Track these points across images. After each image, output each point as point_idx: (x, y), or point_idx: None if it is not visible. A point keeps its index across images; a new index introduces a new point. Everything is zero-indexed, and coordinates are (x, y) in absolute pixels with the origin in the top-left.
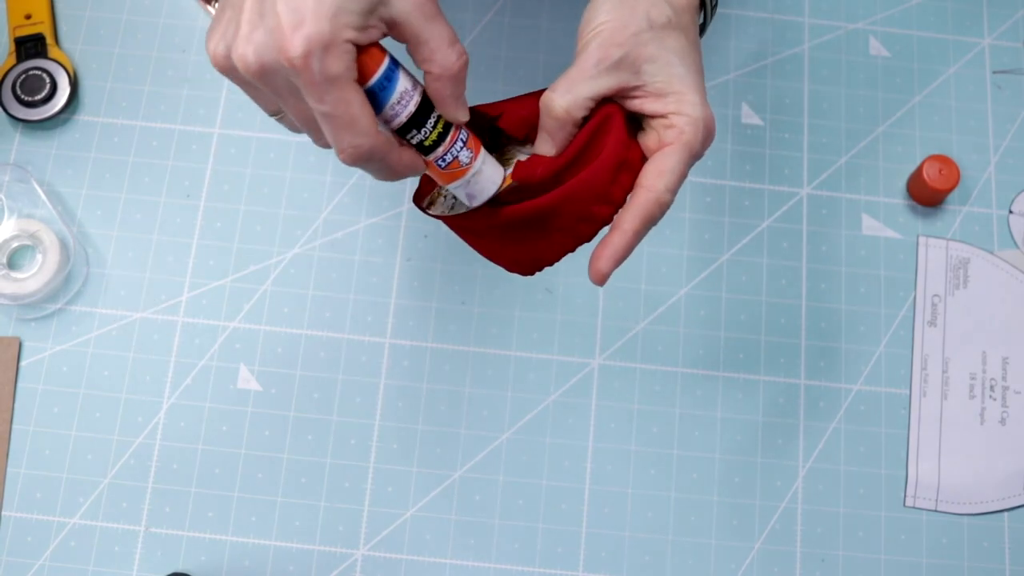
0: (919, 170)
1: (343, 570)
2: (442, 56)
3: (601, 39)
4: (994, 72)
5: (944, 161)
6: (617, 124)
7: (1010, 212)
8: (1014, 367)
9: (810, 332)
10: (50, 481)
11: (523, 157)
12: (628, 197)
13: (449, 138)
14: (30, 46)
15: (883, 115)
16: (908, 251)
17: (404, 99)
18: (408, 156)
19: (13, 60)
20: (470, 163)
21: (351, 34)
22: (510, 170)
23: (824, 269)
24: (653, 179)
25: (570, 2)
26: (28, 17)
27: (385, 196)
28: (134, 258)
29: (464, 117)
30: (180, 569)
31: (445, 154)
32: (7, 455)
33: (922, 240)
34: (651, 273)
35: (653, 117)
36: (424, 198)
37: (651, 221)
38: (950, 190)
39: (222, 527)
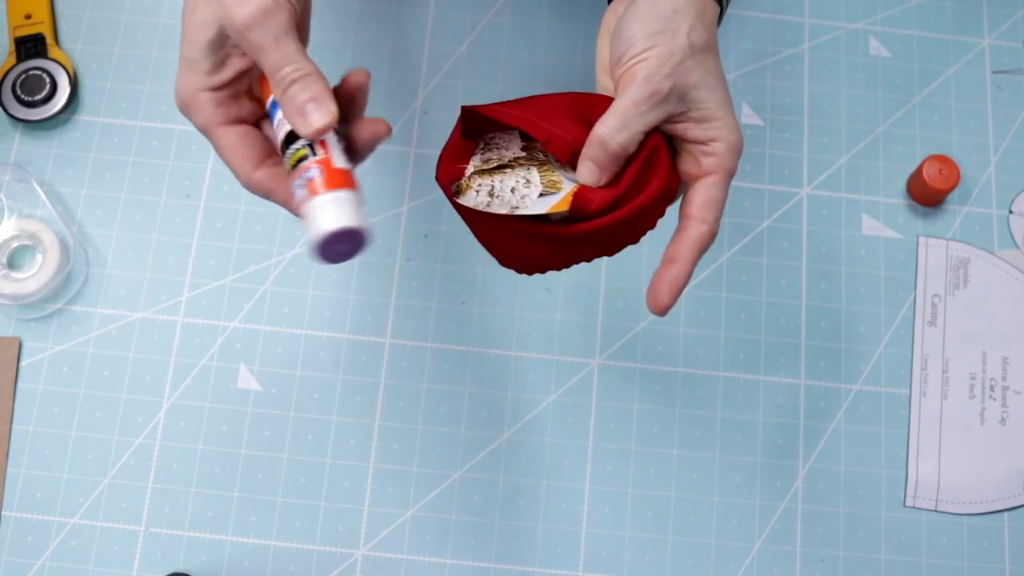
0: (919, 170)
1: (343, 570)
2: (270, 79)
3: (649, 70)
4: (994, 72)
5: (944, 161)
6: (664, 156)
7: (1010, 212)
8: (1014, 367)
9: (810, 332)
10: (50, 481)
11: (567, 183)
12: (677, 228)
13: (300, 168)
14: (30, 46)
15: (883, 115)
16: (908, 251)
17: (280, 125)
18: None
19: (13, 60)
20: (303, 200)
21: (202, 82)
22: (560, 195)
23: (824, 269)
24: (703, 211)
25: (570, 2)
26: (28, 17)
27: (385, 196)
28: (134, 258)
29: (303, 130)
30: (180, 569)
31: (295, 181)
32: (7, 455)
33: (922, 240)
34: (651, 273)
35: (693, 143)
36: (452, 183)
37: (704, 251)
38: (950, 190)
39: (222, 527)
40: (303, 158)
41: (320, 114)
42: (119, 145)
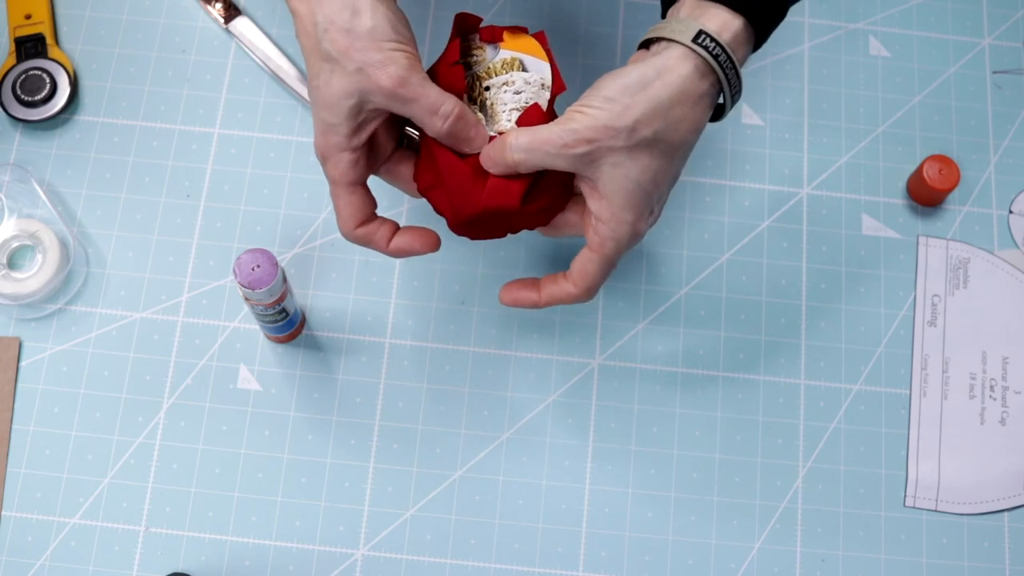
0: (919, 170)
1: (343, 570)
2: (428, 125)
3: (579, 125)
4: (994, 72)
5: (944, 161)
6: (558, 188)
7: (1010, 212)
8: (1014, 367)
9: (810, 332)
10: (50, 481)
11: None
12: (557, 274)
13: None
14: (30, 46)
15: (883, 115)
16: (908, 251)
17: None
18: (400, 241)
19: (13, 60)
20: None
21: (342, 144)
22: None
23: (824, 269)
24: (577, 277)
25: (569, 2)
26: (28, 17)
27: (385, 196)
28: (134, 258)
29: (476, 149)
30: (180, 569)
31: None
32: (7, 455)
33: (922, 240)
34: (651, 273)
35: (589, 208)
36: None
37: (566, 304)
38: (950, 190)
39: (222, 527)
40: None
41: (483, 130)
42: (119, 145)
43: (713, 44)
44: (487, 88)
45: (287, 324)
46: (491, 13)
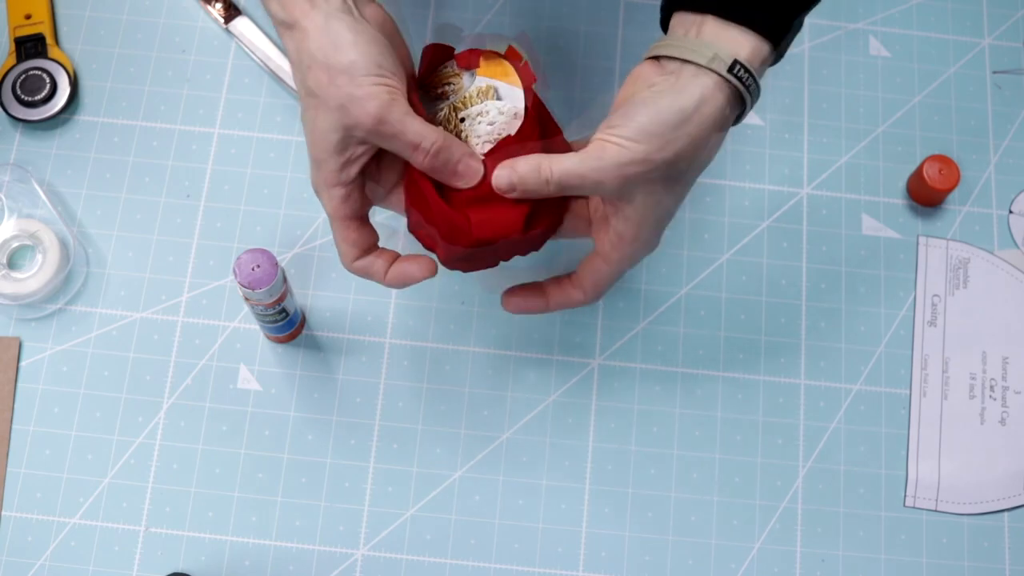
0: (919, 170)
1: (343, 570)
2: (412, 160)
3: (617, 160)
4: (994, 72)
5: (944, 161)
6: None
7: (1010, 212)
8: (1014, 367)
9: (810, 332)
10: (50, 481)
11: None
12: (565, 277)
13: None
14: (30, 46)
15: (883, 115)
16: (908, 251)
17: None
18: (397, 271)
19: (13, 60)
20: None
21: (333, 179)
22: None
23: (824, 269)
24: (587, 284)
25: (569, 2)
26: (28, 17)
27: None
28: (134, 258)
29: (468, 184)
30: (180, 569)
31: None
32: (7, 455)
33: (922, 240)
34: (651, 273)
35: (608, 215)
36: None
37: (567, 308)
38: (950, 190)
39: (222, 527)
40: None
41: (475, 162)
42: (119, 145)
43: (747, 75)
44: (462, 120)
45: (287, 324)
46: (491, 14)
